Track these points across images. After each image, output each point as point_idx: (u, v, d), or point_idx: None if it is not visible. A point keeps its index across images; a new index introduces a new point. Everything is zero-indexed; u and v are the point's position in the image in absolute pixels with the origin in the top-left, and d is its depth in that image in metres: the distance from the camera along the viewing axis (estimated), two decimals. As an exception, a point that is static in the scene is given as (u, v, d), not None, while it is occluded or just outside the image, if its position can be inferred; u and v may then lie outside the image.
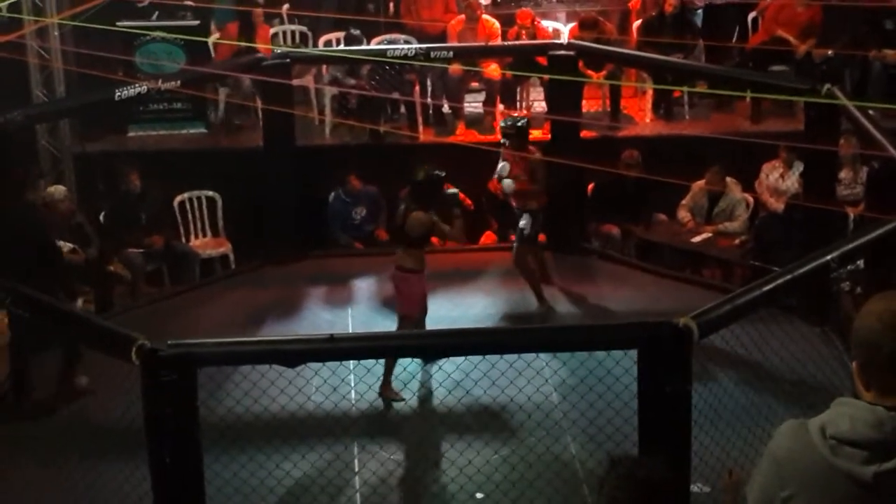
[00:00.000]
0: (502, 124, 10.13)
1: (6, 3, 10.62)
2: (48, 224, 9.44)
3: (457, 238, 9.22)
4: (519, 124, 9.84)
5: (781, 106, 11.94)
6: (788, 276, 6.68)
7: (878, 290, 3.21)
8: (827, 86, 9.17)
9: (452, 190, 8.96)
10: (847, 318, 8.80)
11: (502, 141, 9.86)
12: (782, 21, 12.53)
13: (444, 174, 8.96)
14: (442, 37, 12.67)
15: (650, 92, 12.63)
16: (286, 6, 13.31)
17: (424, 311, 8.87)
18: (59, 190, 10.61)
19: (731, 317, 6.44)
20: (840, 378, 7.04)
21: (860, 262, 7.78)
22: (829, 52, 12.01)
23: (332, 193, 11.56)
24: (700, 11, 12.97)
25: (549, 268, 10.19)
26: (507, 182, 9.55)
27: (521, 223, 9.63)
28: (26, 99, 11.14)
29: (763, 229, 10.90)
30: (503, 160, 9.72)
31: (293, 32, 13.27)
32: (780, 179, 11.10)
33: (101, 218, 10.99)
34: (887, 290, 3.17)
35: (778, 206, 10.92)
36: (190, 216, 11.59)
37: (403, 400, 8.53)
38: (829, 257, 6.77)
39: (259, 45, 11.93)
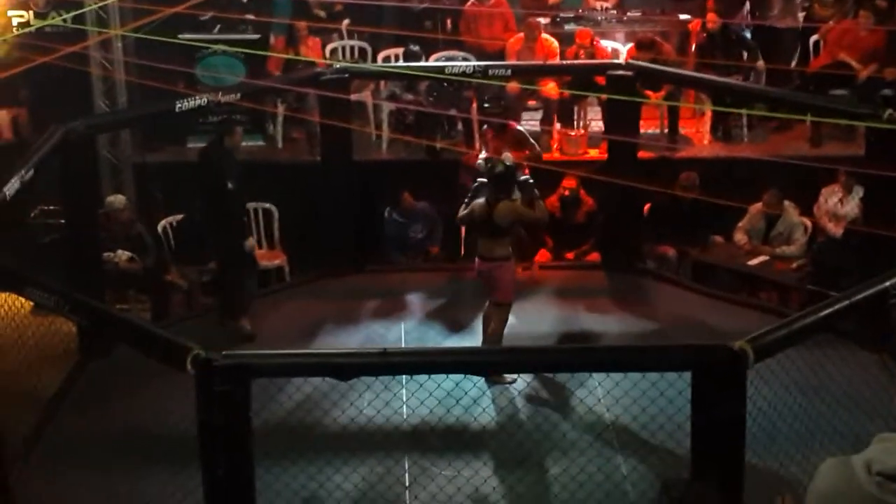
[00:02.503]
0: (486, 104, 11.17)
1: (71, 14, 10.78)
2: (226, 172, 9.79)
3: (542, 219, 9.46)
4: (501, 102, 10.96)
5: (841, 130, 11.83)
6: (846, 302, 6.62)
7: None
8: (889, 111, 9.09)
9: (525, 176, 9.17)
10: (905, 345, 8.71)
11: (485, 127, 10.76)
12: (846, 45, 12.43)
13: (516, 163, 9.29)
14: (500, 55, 12.67)
15: (708, 113, 12.56)
16: (346, 21, 13.38)
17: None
18: (119, 199, 10.76)
19: (787, 341, 6.39)
20: (897, 406, 6.96)
21: (920, 290, 7.69)
22: (892, 76, 11.87)
23: (386, 214, 11.58)
24: (748, 31, 12.91)
25: None
26: (507, 155, 9.56)
27: None
28: (88, 109, 11.29)
29: (821, 254, 10.80)
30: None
31: (352, 48, 13.33)
32: (839, 204, 11.00)
33: (160, 228, 11.10)
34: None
35: (837, 230, 10.83)
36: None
37: (514, 381, 8.81)
38: (887, 284, 6.70)
39: (306, 58, 11.99)
